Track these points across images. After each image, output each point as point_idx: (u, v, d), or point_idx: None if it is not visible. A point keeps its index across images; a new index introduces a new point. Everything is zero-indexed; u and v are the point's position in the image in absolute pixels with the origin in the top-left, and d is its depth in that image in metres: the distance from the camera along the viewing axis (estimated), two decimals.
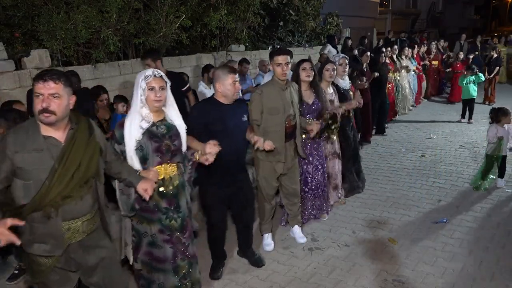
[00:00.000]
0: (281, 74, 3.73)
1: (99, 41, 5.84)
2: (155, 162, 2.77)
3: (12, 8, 5.31)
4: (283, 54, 3.73)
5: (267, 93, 3.76)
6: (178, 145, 2.87)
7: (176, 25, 6.53)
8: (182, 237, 2.95)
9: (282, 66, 3.70)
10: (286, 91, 3.82)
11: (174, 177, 2.88)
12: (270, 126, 3.76)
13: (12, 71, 4.93)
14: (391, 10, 25.47)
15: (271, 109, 3.74)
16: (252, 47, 9.47)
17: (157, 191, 2.79)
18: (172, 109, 2.89)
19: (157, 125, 2.79)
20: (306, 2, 10.79)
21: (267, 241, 4.15)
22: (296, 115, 3.89)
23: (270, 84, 3.88)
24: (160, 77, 2.74)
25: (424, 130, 8.55)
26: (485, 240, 4.13)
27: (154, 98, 2.71)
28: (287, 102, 3.80)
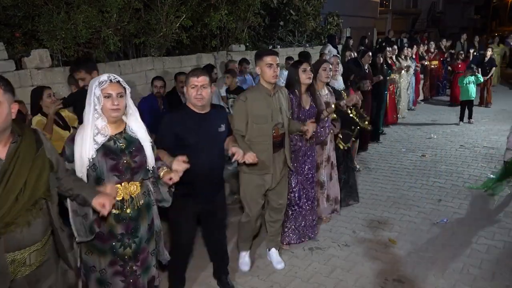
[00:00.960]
0: (272, 77, 3.34)
1: (100, 41, 5.84)
2: (112, 182, 2.37)
3: (12, 8, 5.30)
4: (272, 54, 3.37)
5: (252, 100, 3.36)
6: (140, 161, 2.47)
7: (176, 25, 6.53)
8: (134, 266, 2.53)
9: (273, 67, 3.33)
10: (274, 96, 3.44)
11: (136, 197, 2.49)
12: (256, 136, 3.39)
13: (13, 71, 4.92)
14: (392, 10, 25.45)
15: (258, 117, 3.36)
16: (252, 47, 9.46)
17: (113, 215, 2.41)
18: (134, 119, 2.51)
19: (114, 139, 2.40)
20: (307, 2, 10.79)
21: (244, 260, 3.80)
22: (285, 123, 3.51)
23: (256, 89, 3.48)
24: (118, 82, 2.36)
25: (424, 130, 8.55)
26: (485, 239, 4.13)
27: (111, 107, 2.32)
28: (275, 109, 3.42)
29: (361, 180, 5.86)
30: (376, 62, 7.28)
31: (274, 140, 3.45)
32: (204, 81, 2.92)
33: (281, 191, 3.71)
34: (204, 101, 2.95)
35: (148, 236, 2.59)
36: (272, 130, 3.41)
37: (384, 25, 21.69)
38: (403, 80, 9.20)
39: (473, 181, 5.65)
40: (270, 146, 3.42)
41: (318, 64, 4.31)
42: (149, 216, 2.59)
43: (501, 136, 7.77)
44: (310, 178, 4.07)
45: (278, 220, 3.82)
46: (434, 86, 11.99)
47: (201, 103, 2.94)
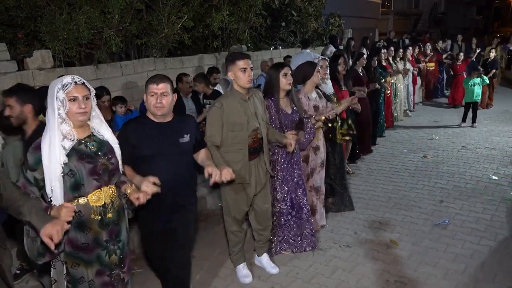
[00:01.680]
0: (247, 81, 3.21)
1: (101, 41, 5.84)
2: (92, 187, 2.27)
3: (14, 9, 5.30)
4: (245, 58, 3.22)
5: (227, 107, 3.22)
6: (116, 162, 2.39)
7: (178, 26, 6.53)
8: (121, 273, 2.46)
9: (247, 72, 3.19)
10: (249, 101, 3.32)
11: (115, 200, 2.39)
12: (232, 144, 3.26)
13: (15, 72, 4.93)
14: (393, 11, 25.44)
15: (234, 125, 3.23)
16: (254, 47, 9.47)
17: (98, 221, 2.30)
18: (99, 122, 2.39)
19: (84, 142, 2.29)
20: (308, 3, 10.80)
21: (243, 272, 3.63)
22: (262, 128, 3.38)
23: (230, 95, 3.32)
24: (83, 84, 2.24)
25: (426, 131, 8.54)
26: (487, 241, 4.12)
27: (78, 111, 2.20)
28: (251, 115, 3.30)
29: (362, 181, 5.86)
30: (370, 65, 7.07)
31: (251, 146, 3.32)
32: (164, 89, 2.73)
33: (265, 195, 3.59)
34: (164, 110, 2.75)
35: (127, 239, 2.52)
36: (248, 137, 3.29)
37: (386, 26, 21.69)
38: (400, 83, 9.05)
39: (475, 183, 5.64)
40: (246, 155, 3.29)
41: (311, 68, 4.17)
42: (125, 219, 2.52)
43: (503, 137, 7.77)
44: (301, 184, 3.94)
45: (267, 227, 3.70)
46: (431, 88, 11.80)
47: (161, 112, 2.74)
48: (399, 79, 8.98)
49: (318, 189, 4.31)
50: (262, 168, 3.48)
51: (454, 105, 10.67)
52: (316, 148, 4.22)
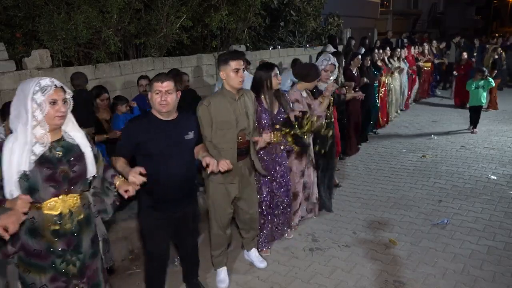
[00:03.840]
0: (239, 82, 3.21)
1: (100, 41, 5.84)
2: (48, 194, 2.15)
3: (13, 8, 5.30)
4: (238, 59, 3.21)
5: (216, 105, 3.23)
6: (80, 170, 2.26)
7: (176, 26, 6.53)
8: (81, 284, 2.32)
9: (239, 73, 3.19)
10: (239, 101, 3.31)
11: (76, 210, 2.26)
12: (220, 143, 3.28)
13: (13, 71, 4.93)
14: (392, 11, 25.45)
15: (222, 123, 3.24)
16: (253, 47, 9.46)
17: (51, 231, 2.17)
18: (72, 125, 2.31)
19: (51, 147, 2.18)
20: (307, 3, 10.78)
21: (221, 277, 3.60)
22: (251, 128, 3.40)
23: (220, 94, 3.32)
24: (61, 87, 2.19)
25: (424, 131, 8.54)
26: (486, 240, 4.12)
27: (58, 114, 2.13)
28: (241, 115, 3.30)
29: (361, 181, 5.86)
30: (363, 65, 7.06)
31: (240, 147, 3.33)
32: (168, 86, 2.80)
33: (250, 199, 3.58)
34: (169, 107, 2.82)
35: (92, 250, 2.38)
36: (237, 136, 3.30)
37: (385, 26, 21.70)
38: (395, 82, 8.97)
39: (473, 182, 5.64)
40: (235, 154, 3.30)
41: (314, 74, 4.25)
42: (90, 230, 2.37)
43: (501, 137, 7.77)
44: (283, 185, 3.96)
45: (252, 229, 3.75)
46: (426, 88, 11.80)
47: (166, 109, 2.81)
48: (394, 79, 8.92)
49: (306, 185, 4.44)
50: (246, 172, 3.47)
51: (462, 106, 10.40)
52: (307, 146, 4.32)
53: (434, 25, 29.65)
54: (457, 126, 8.79)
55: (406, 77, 9.72)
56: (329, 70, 4.68)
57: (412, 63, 10.16)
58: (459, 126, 8.80)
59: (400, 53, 9.20)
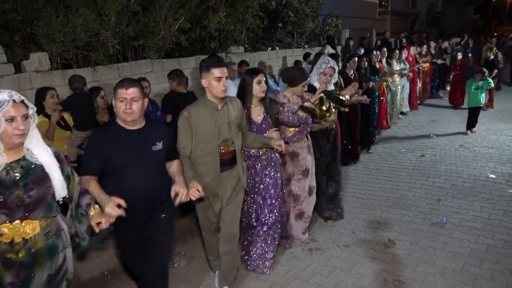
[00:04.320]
0: (221, 92, 2.97)
1: (98, 44, 5.85)
2: None
3: (11, 12, 5.31)
4: (221, 66, 2.96)
5: (196, 116, 3.00)
6: (39, 195, 2.02)
7: (175, 28, 6.53)
8: None
9: (222, 81, 2.95)
10: (221, 111, 3.09)
11: (34, 238, 2.02)
12: (201, 156, 3.06)
13: (12, 75, 4.94)
14: (391, 11, 25.46)
15: (203, 135, 3.02)
16: (251, 48, 9.47)
17: (1, 259, 1.97)
18: (36, 142, 2.08)
19: (8, 168, 1.97)
20: (305, 4, 10.80)
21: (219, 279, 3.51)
22: (235, 139, 3.17)
23: (201, 104, 3.08)
24: (22, 102, 1.98)
25: (423, 130, 8.54)
26: (485, 239, 4.13)
27: (15, 132, 1.93)
28: (223, 125, 3.08)
29: (360, 181, 5.87)
30: (360, 67, 6.71)
31: (223, 158, 3.13)
32: (134, 93, 2.55)
33: (233, 216, 3.33)
34: (134, 116, 2.58)
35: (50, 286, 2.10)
36: (219, 147, 3.09)
37: (383, 26, 21.70)
38: (395, 84, 8.66)
39: (472, 181, 5.65)
40: (217, 167, 3.10)
41: (300, 77, 3.92)
42: (52, 264, 2.11)
43: (500, 136, 7.78)
44: (271, 199, 3.69)
45: (230, 252, 3.36)
46: (427, 89, 11.62)
47: (131, 118, 2.58)
48: (394, 81, 8.61)
49: (297, 198, 4.09)
50: (231, 184, 3.24)
51: (454, 106, 10.52)
52: (293, 155, 3.99)
53: (432, 25, 29.66)
54: (456, 126, 8.79)
55: (406, 79, 9.47)
56: (328, 73, 4.38)
57: (412, 63, 9.98)
58: (458, 125, 8.80)
59: (400, 54, 8.93)
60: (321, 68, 4.41)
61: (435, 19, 30.74)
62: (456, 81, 10.29)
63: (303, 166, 4.04)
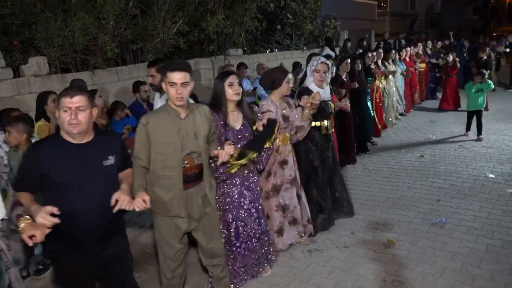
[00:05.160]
0: (176, 99, 2.66)
1: (97, 47, 5.88)
2: None
3: (10, 16, 5.34)
4: (178, 70, 2.64)
5: (156, 124, 2.70)
6: None
7: (173, 31, 6.58)
8: None
9: (177, 88, 2.63)
10: (186, 119, 2.78)
11: None
12: (161, 169, 2.73)
13: (10, 79, 4.96)
14: (390, 12, 25.51)
15: (163, 146, 2.70)
16: (250, 51, 9.51)
17: None
18: None
19: None
20: (304, 6, 10.86)
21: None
22: (202, 152, 2.83)
23: (163, 111, 2.78)
24: None
25: (422, 131, 8.55)
26: (484, 239, 4.13)
27: None
28: (187, 135, 2.76)
29: (360, 182, 5.87)
30: (354, 69, 6.49)
31: (188, 173, 2.80)
32: (80, 102, 2.24)
33: (209, 232, 3.04)
34: (81, 128, 2.26)
35: None
36: (183, 161, 2.76)
37: (383, 27, 21.72)
38: (389, 86, 8.46)
39: (472, 181, 5.65)
40: (180, 182, 2.76)
41: (282, 76, 3.73)
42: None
43: (499, 136, 7.78)
44: (253, 212, 3.46)
45: (218, 264, 3.18)
46: (424, 90, 11.51)
47: (77, 130, 2.25)
48: (389, 82, 8.43)
49: (286, 207, 3.91)
50: (197, 202, 2.92)
51: (442, 109, 10.25)
52: (283, 162, 3.84)
53: (432, 26, 29.69)
54: (455, 126, 8.79)
55: (401, 80, 9.31)
56: (321, 69, 4.11)
57: (411, 64, 9.90)
58: (457, 126, 8.80)
59: (395, 56, 8.80)
60: (312, 65, 4.20)
61: (434, 20, 30.77)
62: (447, 83, 10.08)
63: (292, 175, 3.91)
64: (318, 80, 4.15)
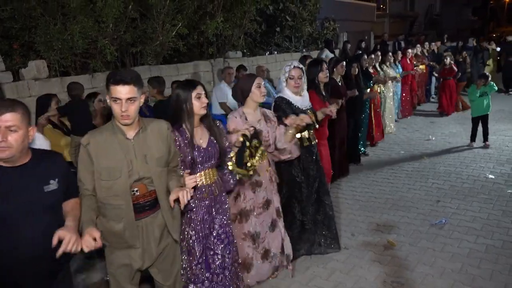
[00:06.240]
0: (121, 117, 2.25)
1: (96, 50, 5.90)
2: None
3: (9, 20, 5.37)
4: (123, 84, 2.20)
5: (98, 145, 2.30)
6: None
7: (172, 33, 6.59)
8: None
9: (121, 104, 2.22)
10: (135, 139, 2.37)
11: None
12: (106, 197, 2.32)
13: (10, 82, 4.97)
14: (389, 14, 25.56)
15: (107, 171, 2.29)
16: (249, 53, 9.53)
17: None
18: None
19: None
20: (303, 8, 10.89)
21: None
22: (155, 177, 2.41)
23: (107, 130, 2.36)
24: None
25: (423, 132, 8.56)
26: (484, 239, 4.13)
27: None
28: (137, 159, 2.35)
29: (359, 183, 5.87)
30: (351, 73, 6.06)
31: (140, 201, 2.40)
32: (12, 121, 1.91)
33: (167, 269, 2.64)
34: (12, 151, 1.93)
35: None
36: (130, 187, 2.34)
37: (382, 29, 21.78)
38: (387, 91, 8.10)
39: (471, 182, 5.65)
40: (130, 212, 2.35)
41: (248, 81, 3.25)
42: None
43: (499, 136, 7.78)
44: (223, 238, 2.96)
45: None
46: (423, 92, 11.33)
47: (6, 155, 1.92)
48: (388, 87, 8.09)
49: (256, 236, 3.34)
50: (154, 234, 2.49)
51: (441, 113, 10.06)
52: (256, 184, 3.28)
53: (431, 27, 29.73)
54: (454, 127, 8.81)
55: (397, 85, 8.93)
56: (295, 75, 3.66)
57: (410, 67, 9.57)
58: (456, 127, 8.82)
59: (392, 58, 8.47)
60: (285, 72, 3.73)
61: (433, 21, 30.82)
62: (444, 86, 9.93)
63: (265, 198, 3.35)
64: (294, 87, 3.70)
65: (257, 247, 3.36)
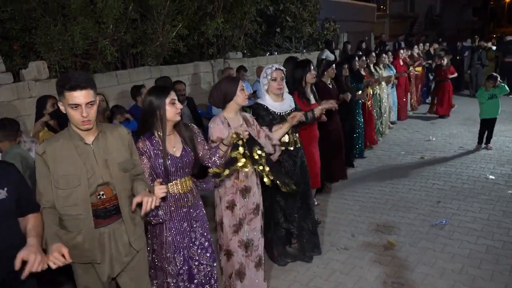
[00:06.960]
0: (82, 123, 2.15)
1: (97, 51, 5.89)
2: None
3: (9, 21, 5.36)
4: (80, 89, 2.08)
5: (54, 152, 2.19)
6: None
7: (173, 34, 6.59)
8: None
9: (81, 109, 2.11)
10: (95, 144, 2.28)
11: None
12: (65, 207, 2.21)
13: (10, 84, 4.97)
14: (389, 14, 25.56)
15: (64, 179, 2.19)
16: (249, 54, 9.53)
17: None
18: None
19: None
20: (303, 8, 10.89)
21: None
22: (117, 182, 2.32)
23: (63, 136, 2.26)
24: None
25: (422, 132, 8.55)
26: (484, 240, 4.13)
27: None
28: (97, 164, 2.26)
29: (360, 184, 5.87)
30: (341, 75, 5.87)
31: (106, 205, 2.32)
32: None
33: (137, 276, 2.54)
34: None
35: None
36: (97, 192, 2.27)
37: (382, 29, 21.78)
38: (382, 93, 7.88)
39: (472, 182, 5.65)
40: (89, 222, 2.25)
41: (233, 85, 3.11)
42: None
43: (499, 137, 7.78)
44: (207, 247, 2.87)
45: None
46: (419, 97, 11.07)
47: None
48: (382, 89, 7.86)
49: (249, 244, 3.24)
50: (121, 241, 2.40)
51: (440, 115, 9.85)
52: (246, 190, 3.18)
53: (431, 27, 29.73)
54: (455, 127, 8.81)
55: (392, 86, 8.60)
56: (277, 77, 3.54)
57: (404, 69, 9.23)
58: (456, 127, 8.82)
59: (386, 59, 8.19)
60: (267, 75, 3.58)
61: (433, 22, 30.81)
62: (440, 88, 9.80)
63: (255, 203, 3.25)
64: (277, 89, 3.56)
65: (250, 255, 3.26)
